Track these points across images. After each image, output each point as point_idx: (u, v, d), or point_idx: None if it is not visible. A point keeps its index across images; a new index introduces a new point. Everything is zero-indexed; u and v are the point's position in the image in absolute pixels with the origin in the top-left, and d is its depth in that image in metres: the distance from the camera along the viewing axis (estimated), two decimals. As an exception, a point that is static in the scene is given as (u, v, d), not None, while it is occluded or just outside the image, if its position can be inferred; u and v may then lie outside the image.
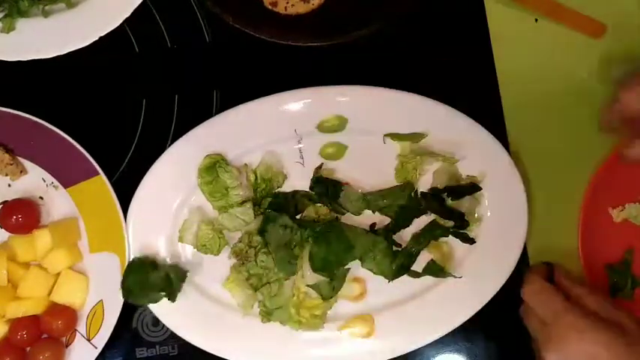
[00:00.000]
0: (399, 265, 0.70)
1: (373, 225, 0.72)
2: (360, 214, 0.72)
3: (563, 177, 0.76)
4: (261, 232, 0.69)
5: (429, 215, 0.72)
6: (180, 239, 0.70)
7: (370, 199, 0.71)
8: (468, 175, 0.72)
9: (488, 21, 0.77)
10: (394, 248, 0.70)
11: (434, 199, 0.70)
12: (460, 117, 0.71)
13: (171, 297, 0.68)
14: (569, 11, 0.77)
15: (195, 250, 0.70)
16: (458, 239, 0.71)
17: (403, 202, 0.71)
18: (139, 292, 0.68)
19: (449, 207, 0.71)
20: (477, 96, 0.75)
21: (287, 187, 0.72)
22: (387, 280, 0.70)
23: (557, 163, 0.76)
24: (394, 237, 0.71)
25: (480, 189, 0.70)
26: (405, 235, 0.72)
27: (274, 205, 0.70)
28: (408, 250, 0.70)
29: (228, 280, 0.70)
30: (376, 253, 0.70)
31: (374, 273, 0.70)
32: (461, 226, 0.70)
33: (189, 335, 0.70)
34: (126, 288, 0.68)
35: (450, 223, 0.70)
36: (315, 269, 0.68)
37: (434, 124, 0.71)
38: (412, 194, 0.71)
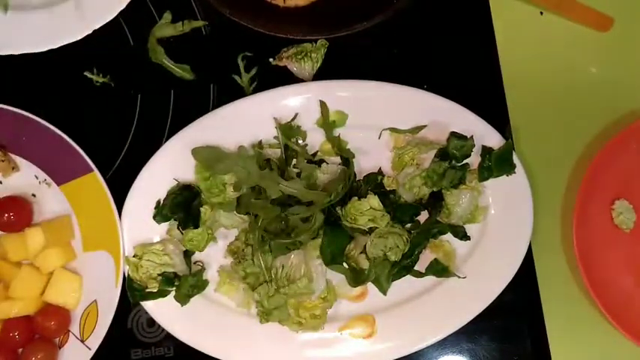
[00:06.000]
0: (398, 266, 0.68)
1: None
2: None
3: (568, 173, 0.74)
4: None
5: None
6: (169, 233, 0.69)
7: None
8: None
9: (492, 14, 0.76)
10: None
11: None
12: (462, 111, 0.70)
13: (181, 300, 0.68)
14: (575, 4, 0.76)
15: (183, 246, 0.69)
16: (457, 238, 0.70)
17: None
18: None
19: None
20: (481, 90, 0.74)
21: (286, 184, 0.71)
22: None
23: (562, 158, 0.75)
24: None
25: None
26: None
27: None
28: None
29: (219, 285, 0.69)
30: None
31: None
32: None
33: (185, 336, 0.68)
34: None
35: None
36: (327, 263, 0.67)
37: (436, 118, 0.70)
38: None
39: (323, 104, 0.69)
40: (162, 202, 0.69)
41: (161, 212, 0.69)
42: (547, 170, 0.74)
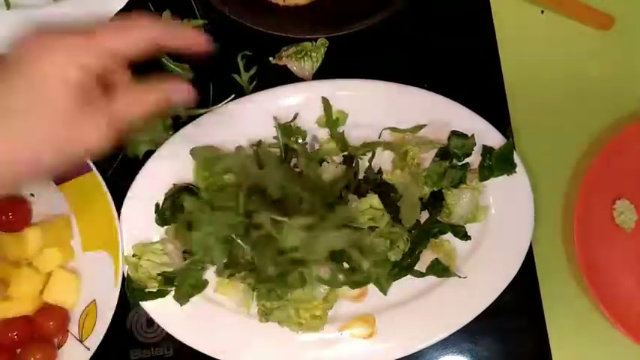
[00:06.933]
0: (398, 266, 0.68)
1: None
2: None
3: (569, 172, 0.74)
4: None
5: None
6: (168, 232, 0.69)
7: None
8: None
9: (493, 12, 0.76)
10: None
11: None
12: (463, 110, 0.69)
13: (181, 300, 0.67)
14: (576, 3, 0.75)
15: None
16: (457, 238, 0.69)
17: None
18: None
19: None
20: (481, 88, 0.74)
21: (286, 184, 0.70)
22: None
23: (563, 157, 0.75)
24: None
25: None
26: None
27: None
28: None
29: (219, 285, 0.69)
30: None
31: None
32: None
33: (185, 336, 0.68)
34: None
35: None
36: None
37: (436, 117, 0.69)
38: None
39: (326, 101, 0.68)
40: (161, 205, 0.68)
41: (162, 216, 0.68)
42: (548, 169, 0.74)
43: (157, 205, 0.68)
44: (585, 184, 0.70)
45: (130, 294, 0.68)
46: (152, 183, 0.68)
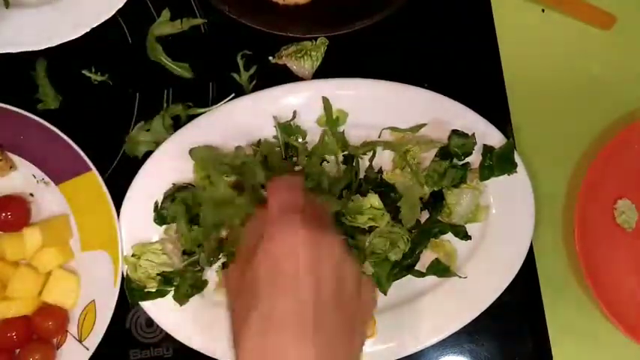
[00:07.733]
0: (398, 266, 0.68)
1: None
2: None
3: (570, 172, 0.74)
4: None
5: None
6: (167, 232, 0.69)
7: None
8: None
9: (494, 11, 0.75)
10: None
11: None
12: (463, 110, 0.69)
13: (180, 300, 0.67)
14: (577, 2, 0.75)
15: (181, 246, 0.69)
16: (457, 238, 0.69)
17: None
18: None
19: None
20: (482, 88, 0.74)
21: (285, 184, 0.70)
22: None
23: (564, 156, 0.74)
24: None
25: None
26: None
27: None
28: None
29: (218, 285, 0.69)
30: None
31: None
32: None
33: (185, 337, 0.68)
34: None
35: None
36: None
37: (436, 117, 0.69)
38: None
39: (326, 100, 0.68)
40: (160, 204, 0.68)
41: (161, 215, 0.68)
42: (549, 169, 0.73)
43: (156, 204, 0.68)
44: (586, 184, 0.70)
45: (130, 294, 0.67)
46: (151, 183, 0.68)
